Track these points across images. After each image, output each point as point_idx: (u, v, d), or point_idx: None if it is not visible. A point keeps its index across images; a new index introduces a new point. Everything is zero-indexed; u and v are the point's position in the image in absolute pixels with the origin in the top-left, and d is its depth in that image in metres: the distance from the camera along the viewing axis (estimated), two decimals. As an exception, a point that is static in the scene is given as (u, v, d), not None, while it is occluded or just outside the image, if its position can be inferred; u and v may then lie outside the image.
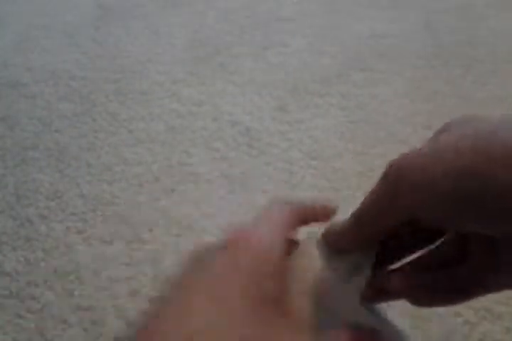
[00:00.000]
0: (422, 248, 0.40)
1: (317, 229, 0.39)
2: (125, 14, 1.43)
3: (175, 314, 0.29)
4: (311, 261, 0.37)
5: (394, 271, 0.38)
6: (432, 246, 0.40)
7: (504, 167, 0.26)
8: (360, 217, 0.33)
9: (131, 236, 0.80)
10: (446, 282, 0.39)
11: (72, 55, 1.28)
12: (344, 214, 0.46)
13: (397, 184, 0.30)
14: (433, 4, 1.40)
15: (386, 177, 0.31)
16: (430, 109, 1.03)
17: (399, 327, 0.35)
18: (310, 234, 0.39)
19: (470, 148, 0.27)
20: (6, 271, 0.76)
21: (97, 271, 0.75)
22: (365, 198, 0.32)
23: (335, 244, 0.36)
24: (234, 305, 0.29)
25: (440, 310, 0.65)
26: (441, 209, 0.29)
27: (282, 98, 1.08)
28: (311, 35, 1.29)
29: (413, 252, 0.41)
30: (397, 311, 0.61)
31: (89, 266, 0.76)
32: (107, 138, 1.01)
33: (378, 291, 0.37)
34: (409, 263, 0.40)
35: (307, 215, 0.39)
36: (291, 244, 0.36)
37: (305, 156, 0.93)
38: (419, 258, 0.41)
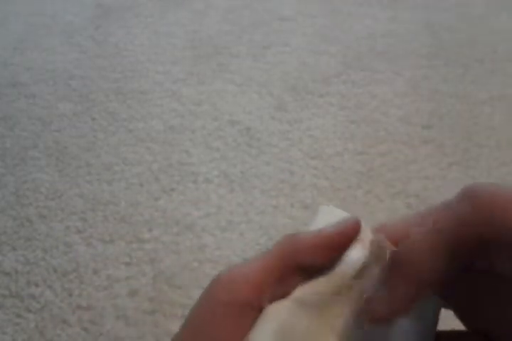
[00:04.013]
0: None
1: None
2: (125, 14, 1.43)
3: None
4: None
5: None
6: None
7: None
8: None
9: (131, 236, 0.80)
10: None
11: (71, 55, 1.28)
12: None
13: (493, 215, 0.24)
14: (433, 4, 1.40)
15: (473, 203, 0.25)
16: (430, 108, 1.03)
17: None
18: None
19: None
20: (5, 270, 0.76)
21: (96, 270, 0.75)
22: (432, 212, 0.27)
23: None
24: None
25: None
26: None
27: (282, 97, 1.08)
28: (311, 35, 1.29)
29: None
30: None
31: (88, 266, 0.76)
32: (106, 138, 1.01)
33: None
34: None
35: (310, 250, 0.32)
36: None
37: (305, 156, 0.93)
38: None
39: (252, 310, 0.29)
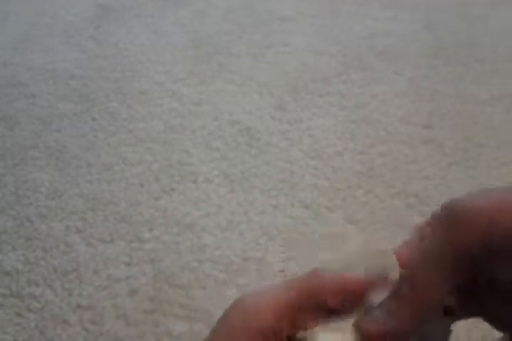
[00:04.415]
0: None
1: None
2: (125, 13, 1.43)
3: None
4: None
5: None
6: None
7: None
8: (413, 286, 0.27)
9: (131, 236, 0.80)
10: None
11: (71, 55, 1.28)
12: (342, 213, 0.44)
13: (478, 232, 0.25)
14: (433, 4, 1.40)
15: (451, 221, 0.25)
16: (430, 108, 1.03)
17: None
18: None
19: None
20: (6, 270, 0.76)
21: (97, 270, 0.75)
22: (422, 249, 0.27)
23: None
24: None
25: (440, 309, 0.65)
26: None
27: (282, 97, 1.08)
28: (311, 35, 1.29)
29: None
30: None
31: (89, 265, 0.76)
32: (106, 138, 1.01)
33: None
34: None
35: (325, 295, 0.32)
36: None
37: (305, 156, 0.93)
38: None
39: (274, 335, 0.30)
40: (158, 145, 0.97)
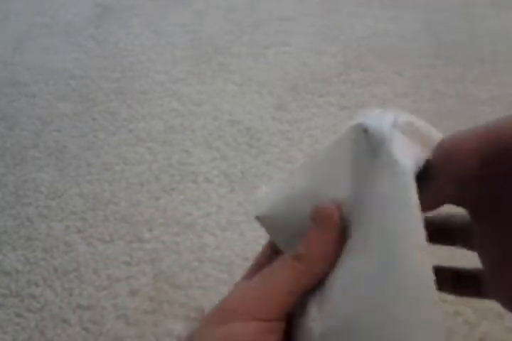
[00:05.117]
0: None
1: None
2: (125, 13, 1.43)
3: None
4: None
5: None
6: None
7: None
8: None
9: (131, 236, 0.80)
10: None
11: (72, 54, 1.28)
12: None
13: None
14: (433, 4, 1.40)
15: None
16: (430, 108, 1.03)
17: None
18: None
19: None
20: (5, 270, 0.76)
21: (97, 270, 0.75)
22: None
23: None
24: None
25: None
26: None
27: (282, 97, 1.08)
28: (311, 35, 1.29)
29: None
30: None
31: (89, 265, 0.76)
32: (106, 138, 1.01)
33: None
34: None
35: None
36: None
37: (305, 156, 0.93)
38: None
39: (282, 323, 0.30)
40: (158, 145, 0.97)
